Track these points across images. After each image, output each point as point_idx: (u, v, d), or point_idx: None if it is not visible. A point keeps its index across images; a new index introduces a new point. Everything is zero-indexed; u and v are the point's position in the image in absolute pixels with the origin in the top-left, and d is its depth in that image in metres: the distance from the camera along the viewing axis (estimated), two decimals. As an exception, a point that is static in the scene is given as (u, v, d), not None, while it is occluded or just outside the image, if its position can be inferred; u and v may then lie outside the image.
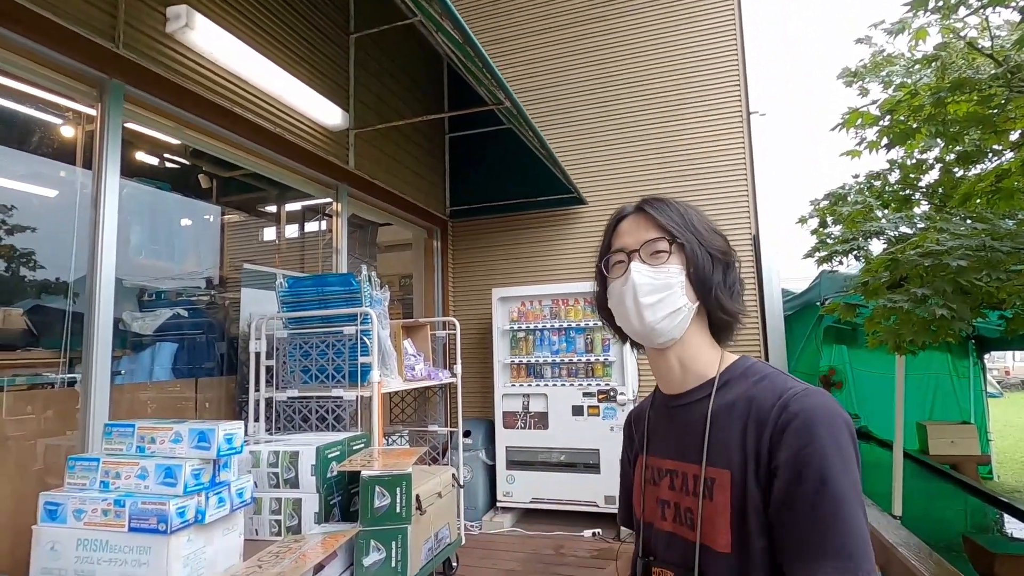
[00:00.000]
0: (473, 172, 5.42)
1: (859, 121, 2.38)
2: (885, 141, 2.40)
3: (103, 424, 1.85)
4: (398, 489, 1.97)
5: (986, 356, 7.42)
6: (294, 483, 2.19)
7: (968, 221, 2.24)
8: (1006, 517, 4.42)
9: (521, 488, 4.43)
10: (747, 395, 0.81)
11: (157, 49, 2.48)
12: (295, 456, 2.20)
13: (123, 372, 2.59)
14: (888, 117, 2.28)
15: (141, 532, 1.56)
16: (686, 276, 0.86)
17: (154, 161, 3.22)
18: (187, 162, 3.35)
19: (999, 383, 17.26)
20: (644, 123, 5.01)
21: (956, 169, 3.32)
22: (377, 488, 1.96)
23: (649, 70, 5.04)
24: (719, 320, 0.89)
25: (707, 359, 0.88)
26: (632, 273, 0.87)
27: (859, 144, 2.93)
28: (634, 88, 5.07)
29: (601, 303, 0.97)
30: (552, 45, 5.37)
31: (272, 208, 4.11)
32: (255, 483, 2.32)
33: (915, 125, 2.28)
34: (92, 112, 2.31)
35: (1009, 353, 18.42)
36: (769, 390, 0.80)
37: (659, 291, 0.85)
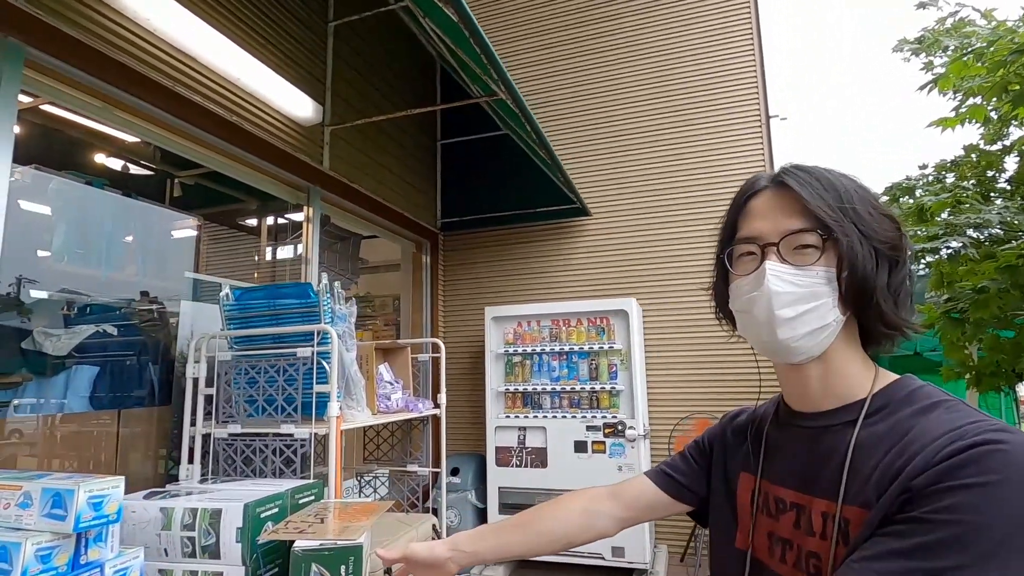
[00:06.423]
0: (467, 182, 4.98)
1: (961, 78, 1.89)
2: (992, 104, 1.92)
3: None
4: (343, 568, 1.46)
5: (1020, 385, 6.89)
6: (214, 552, 1.68)
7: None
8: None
9: (516, 535, 3.88)
10: (906, 425, 0.64)
11: (73, 8, 2.05)
12: (216, 515, 1.68)
13: (17, 404, 2.09)
14: (1001, 72, 1.82)
15: (-54, 648, 1.06)
16: (838, 281, 0.68)
17: (90, 154, 2.78)
18: (131, 157, 2.91)
19: None
20: (653, 129, 4.60)
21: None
22: (314, 567, 1.45)
23: (659, 74, 4.66)
24: (876, 332, 0.71)
25: (856, 378, 0.72)
26: (768, 277, 0.69)
27: (958, 110, 2.40)
28: (643, 93, 4.67)
29: (721, 300, 0.81)
30: (556, 46, 4.99)
31: (233, 212, 3.66)
32: (166, 550, 1.82)
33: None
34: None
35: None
36: (941, 420, 0.62)
37: (802, 301, 0.68)
